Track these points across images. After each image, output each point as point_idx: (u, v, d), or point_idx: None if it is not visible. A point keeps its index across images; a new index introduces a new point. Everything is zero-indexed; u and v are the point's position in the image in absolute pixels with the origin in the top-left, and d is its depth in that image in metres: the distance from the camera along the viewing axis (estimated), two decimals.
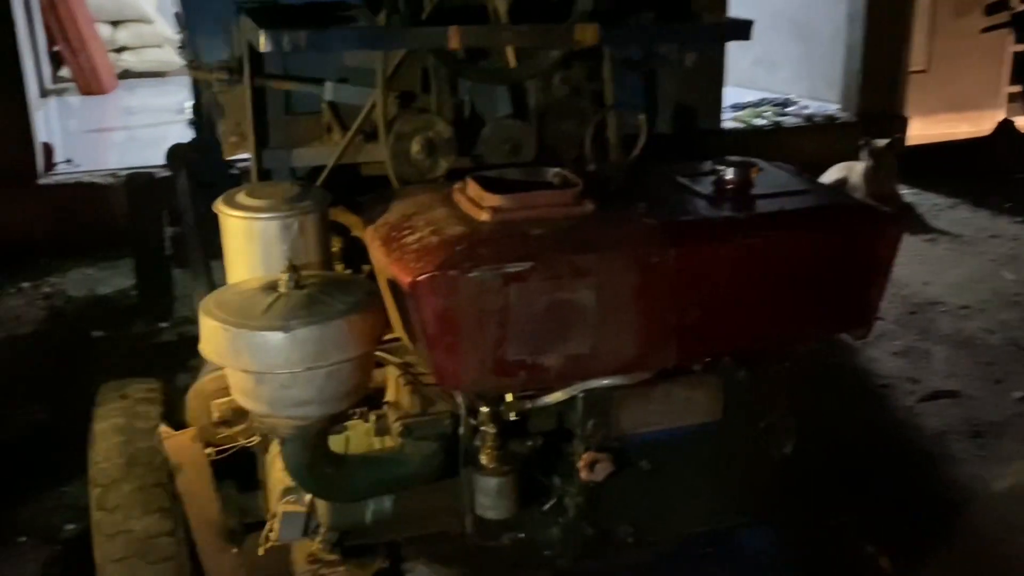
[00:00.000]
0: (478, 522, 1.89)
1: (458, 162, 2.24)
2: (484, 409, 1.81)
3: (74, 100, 8.77)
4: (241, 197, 1.89)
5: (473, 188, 1.82)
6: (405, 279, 1.63)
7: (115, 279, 5.55)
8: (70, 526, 3.36)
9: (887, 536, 3.15)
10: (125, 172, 5.99)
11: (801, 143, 7.50)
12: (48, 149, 6.21)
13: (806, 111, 7.79)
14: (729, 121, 7.57)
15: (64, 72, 8.95)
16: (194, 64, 2.41)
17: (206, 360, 2.45)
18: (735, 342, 1.87)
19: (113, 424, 2.48)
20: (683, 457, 1.92)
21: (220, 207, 1.90)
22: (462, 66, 2.17)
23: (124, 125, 8.27)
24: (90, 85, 8.88)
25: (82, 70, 8.81)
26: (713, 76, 7.04)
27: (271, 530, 2.04)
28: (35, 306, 5.26)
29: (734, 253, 1.78)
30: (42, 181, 6.00)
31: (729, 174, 1.94)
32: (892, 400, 4.21)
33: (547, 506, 1.92)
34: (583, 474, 1.81)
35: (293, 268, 1.61)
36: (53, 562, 3.18)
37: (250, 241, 1.84)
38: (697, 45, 2.43)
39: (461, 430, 1.82)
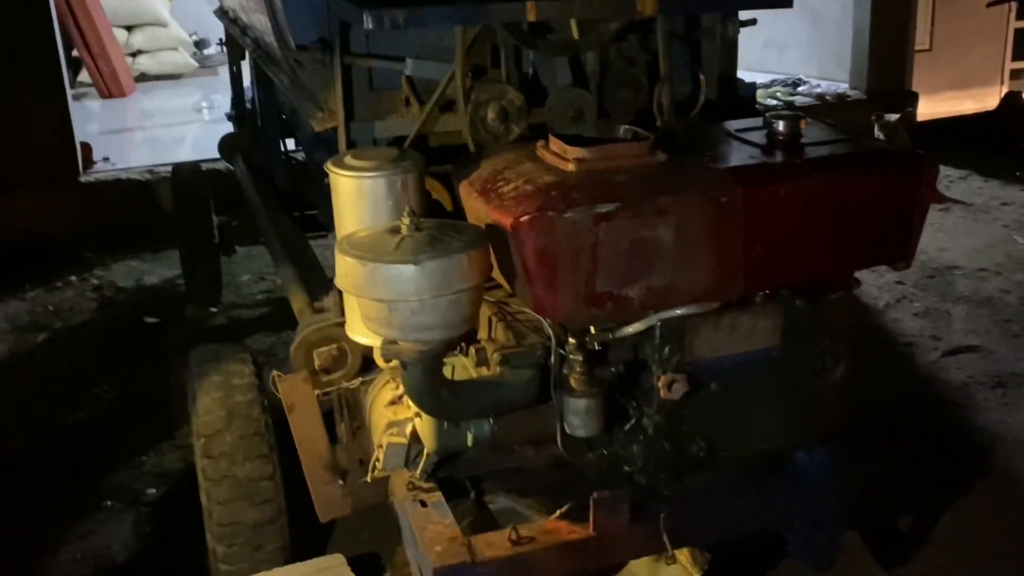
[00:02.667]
0: (569, 441, 2.10)
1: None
2: (571, 340, 2.03)
3: (94, 104, 9.00)
4: (349, 160, 2.12)
5: (557, 144, 2.04)
6: (507, 221, 1.86)
7: (160, 270, 5.78)
8: (151, 491, 3.59)
9: (919, 477, 3.37)
10: (161, 168, 6.23)
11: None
12: (87, 148, 6.44)
13: (817, 90, 8.00)
14: None
15: (83, 76, 9.16)
16: (287, 48, 2.62)
17: (301, 315, 2.69)
18: (793, 274, 2.09)
19: (212, 382, 2.70)
20: (748, 380, 2.14)
21: (331, 168, 2.13)
22: (531, 39, 2.39)
23: (145, 126, 8.52)
24: (109, 88, 9.10)
25: (101, 74, 9.04)
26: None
27: (378, 460, 2.26)
28: (86, 297, 5.48)
29: (792, 194, 2.00)
30: (83, 179, 6.23)
31: (781, 126, 2.16)
32: (916, 356, 4.44)
33: (628, 426, 2.14)
34: (662, 393, 2.03)
35: (413, 213, 1.84)
36: (139, 523, 3.41)
37: (360, 198, 2.07)
38: (742, 12, 2.65)
39: (552, 358, 2.04)
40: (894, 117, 6.92)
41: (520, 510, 2.47)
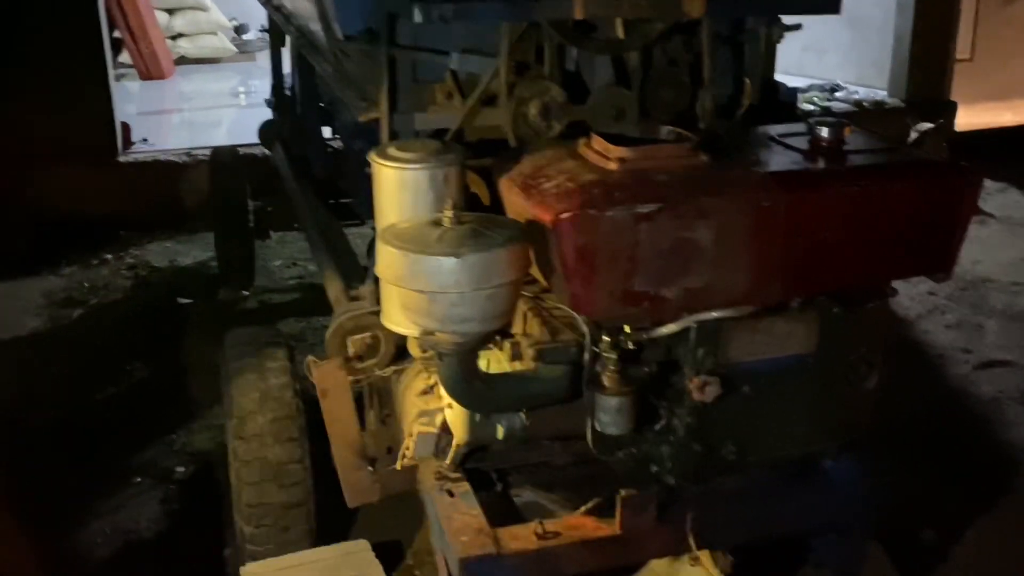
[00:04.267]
0: (599, 438, 2.11)
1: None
2: (606, 338, 2.04)
3: (133, 85, 9.08)
4: (392, 151, 2.14)
5: (599, 142, 2.05)
6: (548, 217, 1.87)
7: (194, 251, 5.84)
8: (180, 468, 3.64)
9: (943, 494, 3.35)
10: (198, 151, 6.29)
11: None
12: (126, 129, 6.51)
13: (855, 96, 7.93)
14: None
15: (123, 57, 9.24)
16: (335, 39, 2.64)
17: (337, 303, 2.72)
18: (831, 281, 2.09)
19: (247, 364, 2.73)
20: (781, 385, 2.14)
21: (374, 159, 2.15)
22: (576, 37, 2.40)
23: (183, 108, 8.59)
24: (149, 71, 9.18)
25: (142, 56, 9.11)
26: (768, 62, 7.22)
27: (408, 448, 2.29)
28: (120, 276, 5.55)
29: (833, 201, 2.00)
30: (121, 159, 6.30)
31: (824, 132, 2.16)
32: (947, 368, 4.41)
33: (659, 426, 2.14)
34: (695, 395, 2.04)
35: (455, 207, 1.86)
36: (169, 499, 3.46)
37: (402, 189, 2.09)
38: (787, 16, 2.65)
39: (586, 355, 2.05)
40: (929, 126, 6.86)
41: (545, 504, 2.49)
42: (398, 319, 2.04)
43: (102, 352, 4.57)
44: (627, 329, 2.06)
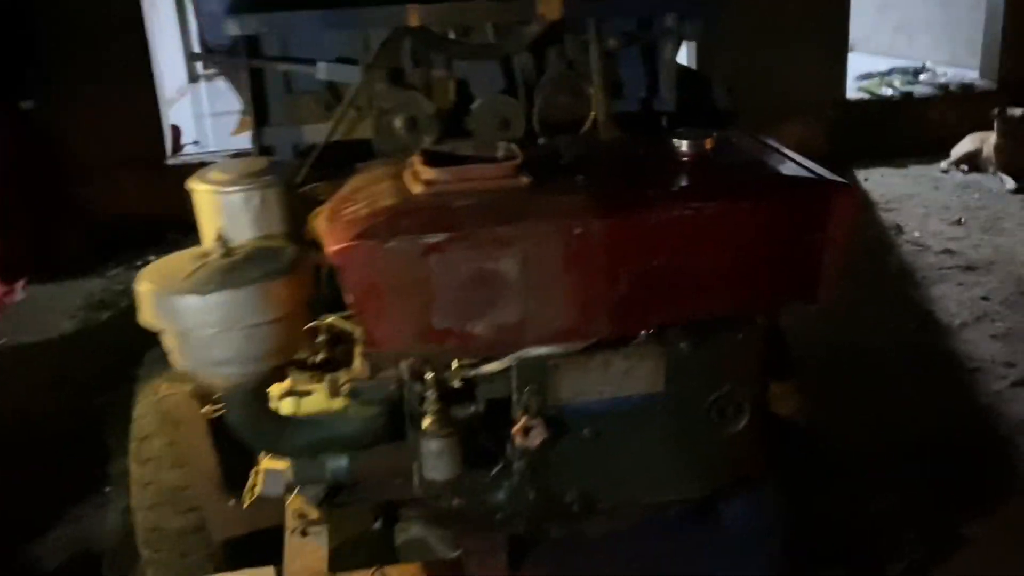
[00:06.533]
0: (426, 483, 1.95)
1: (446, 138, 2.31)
2: (429, 375, 1.88)
3: (222, 83, 9.28)
4: (211, 172, 2.02)
5: (416, 162, 1.88)
6: (330, 248, 1.72)
7: None
8: None
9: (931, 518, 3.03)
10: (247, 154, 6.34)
11: (933, 113, 7.12)
12: (176, 132, 6.64)
13: (941, 79, 7.38)
14: (856, 92, 7.27)
15: None
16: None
17: None
18: (675, 313, 1.86)
19: (151, 384, 2.68)
20: (628, 427, 1.93)
21: (191, 183, 2.03)
22: (441, 42, 2.23)
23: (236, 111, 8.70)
24: None
25: None
26: (835, 40, 6.77)
27: (255, 484, 2.18)
28: None
29: (664, 225, 1.77)
30: (169, 162, 6.43)
31: (683, 146, 1.92)
32: (982, 383, 3.99)
33: (494, 471, 1.97)
34: (517, 439, 1.86)
35: (220, 237, 1.72)
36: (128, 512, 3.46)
37: (217, 213, 1.97)
38: (693, 18, 2.40)
39: (406, 394, 1.90)
40: (1018, 111, 6.29)
41: (431, 543, 2.34)
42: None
43: (113, 355, 4.64)
44: (453, 366, 1.90)
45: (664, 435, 1.95)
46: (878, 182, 6.53)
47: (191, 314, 1.64)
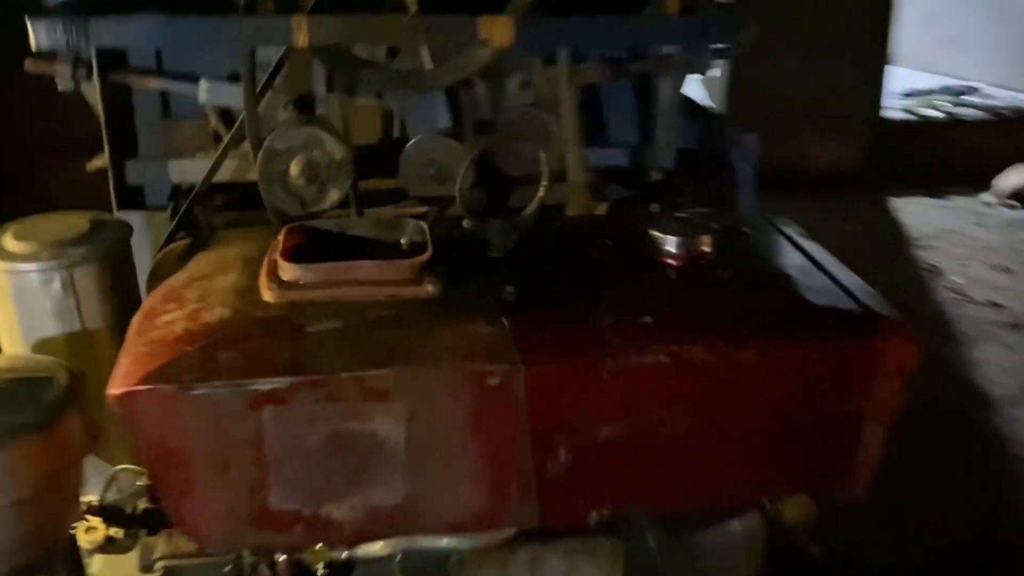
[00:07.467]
0: None
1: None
2: (281, 557, 1.31)
3: None
4: (6, 238, 1.44)
5: (276, 246, 1.29)
6: (108, 390, 1.13)
7: None
8: None
9: None
10: None
11: (980, 139, 6.48)
12: None
13: (991, 102, 6.73)
14: (895, 110, 6.63)
15: None
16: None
17: None
18: (638, 495, 1.27)
19: None
20: None
21: None
22: (356, 66, 1.63)
23: None
24: None
25: None
26: (874, 53, 6.13)
27: None
28: None
29: (624, 374, 1.17)
30: None
31: (670, 244, 1.32)
32: None
33: None
34: None
35: None
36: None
37: (4, 299, 1.39)
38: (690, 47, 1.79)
39: None
40: None
41: None
42: None
43: None
44: (316, 549, 1.32)
45: None
46: (914, 213, 5.90)
47: None
